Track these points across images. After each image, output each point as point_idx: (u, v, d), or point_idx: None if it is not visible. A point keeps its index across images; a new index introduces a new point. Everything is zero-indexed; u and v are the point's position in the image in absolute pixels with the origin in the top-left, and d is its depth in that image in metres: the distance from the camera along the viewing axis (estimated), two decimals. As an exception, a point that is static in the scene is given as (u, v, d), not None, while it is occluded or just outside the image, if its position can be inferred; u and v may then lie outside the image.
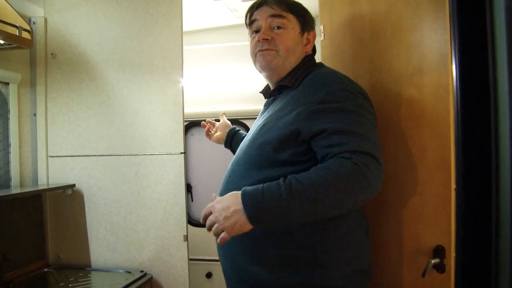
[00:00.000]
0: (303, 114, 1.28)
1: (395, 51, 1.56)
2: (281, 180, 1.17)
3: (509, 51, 0.69)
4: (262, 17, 1.49)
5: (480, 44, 0.75)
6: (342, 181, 1.14)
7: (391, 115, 1.54)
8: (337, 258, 1.31)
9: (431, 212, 1.37)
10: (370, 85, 1.62)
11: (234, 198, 1.18)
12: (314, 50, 1.61)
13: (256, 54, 1.50)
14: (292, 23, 1.48)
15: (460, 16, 0.79)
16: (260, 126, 1.42)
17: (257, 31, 1.51)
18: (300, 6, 1.55)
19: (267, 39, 1.46)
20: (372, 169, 1.16)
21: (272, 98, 1.56)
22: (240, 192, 1.19)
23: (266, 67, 1.49)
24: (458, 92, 0.86)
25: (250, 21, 1.54)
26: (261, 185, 1.18)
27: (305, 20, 1.53)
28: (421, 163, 1.42)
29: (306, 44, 1.53)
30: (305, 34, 1.52)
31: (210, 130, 2.04)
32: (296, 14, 1.50)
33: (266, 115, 1.48)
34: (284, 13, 1.47)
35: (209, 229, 1.21)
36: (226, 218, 1.16)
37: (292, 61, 1.48)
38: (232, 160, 1.50)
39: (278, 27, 1.47)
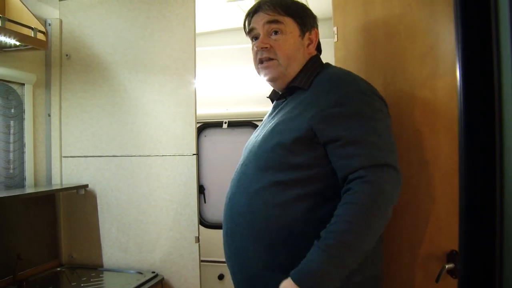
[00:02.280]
0: (318, 117, 1.25)
1: (409, 53, 1.54)
2: (319, 246, 1.15)
3: None
4: (258, 24, 1.44)
5: (485, 45, 0.75)
6: (371, 211, 1.15)
7: (405, 118, 1.52)
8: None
9: (445, 216, 1.35)
10: (384, 87, 1.60)
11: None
12: (319, 50, 1.54)
13: (258, 66, 1.48)
14: (290, 27, 1.42)
15: (465, 17, 0.78)
16: (272, 127, 1.38)
17: (256, 38, 1.47)
18: (297, 5, 1.47)
19: (266, 48, 1.42)
20: (389, 180, 1.17)
21: (283, 100, 1.50)
22: (292, 280, 1.16)
23: (270, 79, 1.47)
24: (462, 95, 0.85)
25: (249, 29, 1.50)
26: (305, 262, 1.16)
27: (304, 20, 1.46)
28: (435, 167, 1.40)
29: (308, 45, 1.47)
30: (306, 34, 1.46)
31: None
32: (293, 16, 1.43)
33: (276, 116, 1.44)
34: (280, 18, 1.41)
35: None
36: None
37: (295, 67, 1.43)
38: (240, 163, 1.46)
39: (276, 32, 1.42)
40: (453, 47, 1.30)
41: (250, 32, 1.50)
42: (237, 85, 3.28)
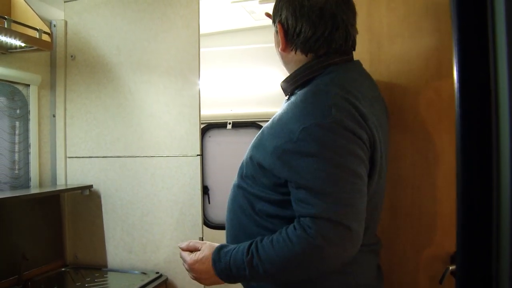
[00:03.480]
0: (278, 152, 1.15)
1: (414, 54, 1.54)
2: (245, 252, 1.16)
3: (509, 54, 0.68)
4: None
5: (482, 47, 0.75)
6: (300, 261, 1.11)
7: (409, 119, 1.52)
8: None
9: (448, 217, 1.35)
10: (388, 88, 1.60)
11: (208, 268, 1.24)
12: (328, 48, 1.26)
13: None
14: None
15: (461, 18, 0.78)
16: (262, 129, 1.29)
17: None
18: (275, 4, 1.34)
19: None
20: (337, 240, 1.07)
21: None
22: (211, 258, 1.23)
23: None
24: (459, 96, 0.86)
25: None
26: (231, 253, 1.20)
27: (273, 16, 1.32)
28: (438, 168, 1.40)
29: (279, 42, 1.31)
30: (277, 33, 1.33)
31: None
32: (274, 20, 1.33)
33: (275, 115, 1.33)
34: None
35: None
36: (199, 271, 1.27)
37: (286, 66, 1.36)
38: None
39: None
40: (457, 48, 1.30)
41: None
42: (242, 86, 3.28)
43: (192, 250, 1.32)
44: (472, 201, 0.82)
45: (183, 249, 1.34)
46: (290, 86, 1.30)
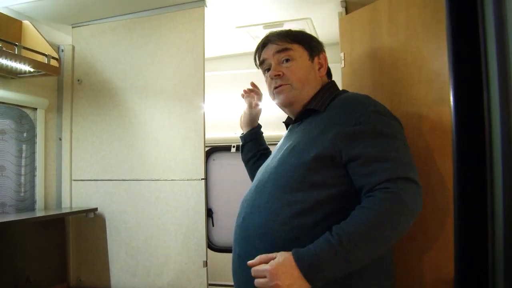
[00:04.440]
0: (339, 135, 1.27)
1: (416, 79, 1.56)
2: (329, 236, 1.15)
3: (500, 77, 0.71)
4: (269, 55, 1.51)
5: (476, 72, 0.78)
6: (386, 218, 1.15)
7: (412, 143, 1.52)
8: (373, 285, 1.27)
9: (452, 241, 1.34)
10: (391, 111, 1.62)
11: (292, 270, 1.15)
12: (330, 75, 1.59)
13: (273, 92, 1.52)
14: (299, 52, 1.49)
15: (455, 43, 0.81)
16: (290, 147, 1.38)
17: (268, 69, 1.52)
18: (303, 33, 1.55)
19: (279, 75, 1.47)
20: (410, 192, 1.17)
21: (298, 122, 1.52)
22: (293, 257, 1.15)
23: (285, 103, 1.50)
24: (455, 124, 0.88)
25: (260, 61, 1.57)
26: (312, 247, 1.15)
27: (311, 45, 1.52)
28: (442, 193, 1.41)
29: (319, 68, 1.52)
30: (316, 59, 1.52)
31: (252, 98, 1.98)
32: (301, 43, 1.50)
33: (293, 138, 1.44)
34: (289, 45, 1.49)
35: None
36: (286, 286, 1.14)
37: (309, 90, 1.48)
38: (254, 184, 1.45)
39: (287, 60, 1.48)
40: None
41: (262, 64, 1.57)
42: (245, 109, 3.29)
43: (264, 261, 1.21)
44: (468, 225, 0.84)
45: (256, 264, 1.22)
46: (326, 101, 1.43)
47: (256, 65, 1.62)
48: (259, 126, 1.96)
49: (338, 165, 1.27)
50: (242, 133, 1.99)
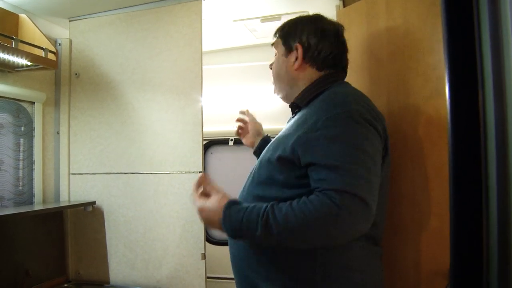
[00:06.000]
0: (299, 141, 1.24)
1: (413, 72, 1.56)
2: (260, 212, 1.18)
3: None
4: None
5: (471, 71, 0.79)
6: (318, 225, 1.14)
7: (409, 135, 1.54)
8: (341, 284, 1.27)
9: (448, 233, 1.36)
10: (388, 105, 1.63)
11: (217, 214, 1.25)
12: (337, 66, 1.47)
13: None
14: (278, 47, 1.52)
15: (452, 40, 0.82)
16: (272, 141, 1.42)
17: None
18: (289, 24, 1.51)
19: (271, 69, 1.57)
20: (353, 211, 1.12)
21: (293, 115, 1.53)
22: (222, 215, 1.24)
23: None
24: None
25: None
26: (244, 210, 1.21)
27: (287, 38, 1.48)
28: (438, 184, 1.42)
29: (294, 62, 1.45)
30: (293, 53, 1.45)
31: (241, 128, 2.04)
32: (280, 36, 1.51)
33: (283, 130, 1.45)
34: (275, 40, 1.53)
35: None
36: (207, 219, 1.30)
37: (283, 86, 1.51)
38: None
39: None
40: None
41: None
42: (243, 102, 3.30)
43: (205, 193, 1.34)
44: (464, 216, 0.85)
45: (197, 186, 1.36)
46: (308, 97, 1.41)
47: None
48: (267, 135, 1.94)
49: (298, 166, 1.25)
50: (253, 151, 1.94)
